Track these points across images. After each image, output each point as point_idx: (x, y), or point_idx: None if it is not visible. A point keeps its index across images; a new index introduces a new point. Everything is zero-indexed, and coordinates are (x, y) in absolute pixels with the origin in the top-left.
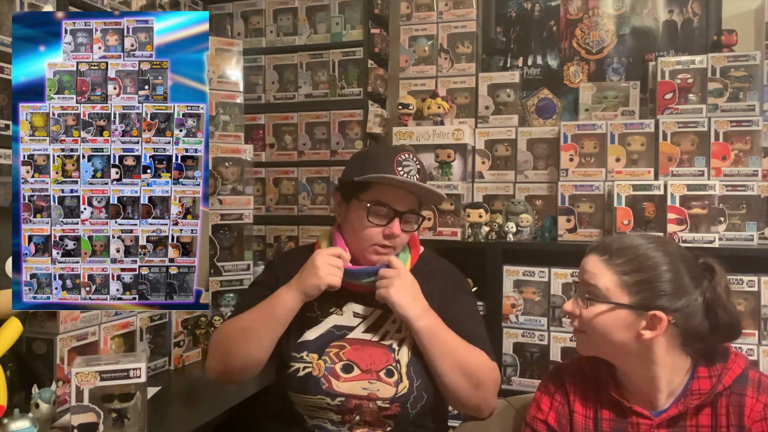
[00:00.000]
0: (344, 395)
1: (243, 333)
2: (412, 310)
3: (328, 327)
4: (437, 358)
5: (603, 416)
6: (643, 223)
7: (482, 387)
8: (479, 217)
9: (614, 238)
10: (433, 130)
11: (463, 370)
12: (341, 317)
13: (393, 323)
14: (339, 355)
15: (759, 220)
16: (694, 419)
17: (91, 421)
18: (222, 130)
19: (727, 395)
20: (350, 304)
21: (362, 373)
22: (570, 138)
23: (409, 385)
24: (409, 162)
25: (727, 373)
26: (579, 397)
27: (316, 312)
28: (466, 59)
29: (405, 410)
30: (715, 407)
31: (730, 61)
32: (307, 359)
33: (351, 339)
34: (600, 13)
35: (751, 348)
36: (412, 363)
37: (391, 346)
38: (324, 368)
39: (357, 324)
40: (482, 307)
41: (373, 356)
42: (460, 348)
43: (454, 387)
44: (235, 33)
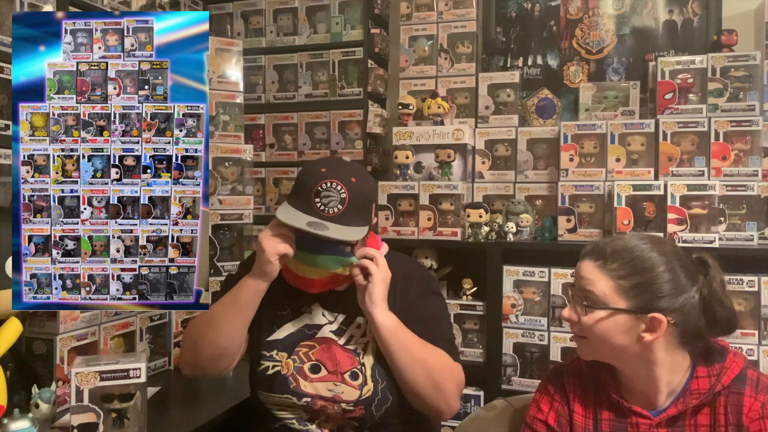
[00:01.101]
0: (310, 395)
1: (210, 322)
2: (380, 306)
3: (299, 326)
4: (395, 354)
5: (602, 416)
6: (643, 223)
7: (442, 387)
8: (479, 217)
9: (607, 241)
10: (433, 130)
11: (422, 369)
12: (311, 316)
13: (357, 328)
14: (308, 354)
15: (759, 220)
16: (693, 419)
17: (91, 421)
18: (222, 130)
19: (726, 394)
20: (317, 307)
21: (329, 374)
22: (570, 138)
23: (374, 387)
24: (331, 192)
25: (725, 372)
26: (578, 398)
27: (287, 309)
28: (466, 59)
29: (369, 412)
30: (713, 407)
31: (730, 61)
32: (277, 358)
33: (320, 338)
34: (600, 13)
35: (751, 348)
36: (377, 366)
37: (356, 351)
38: (293, 367)
39: (325, 323)
40: (482, 307)
41: (339, 358)
42: (418, 346)
43: (412, 385)
44: (235, 33)
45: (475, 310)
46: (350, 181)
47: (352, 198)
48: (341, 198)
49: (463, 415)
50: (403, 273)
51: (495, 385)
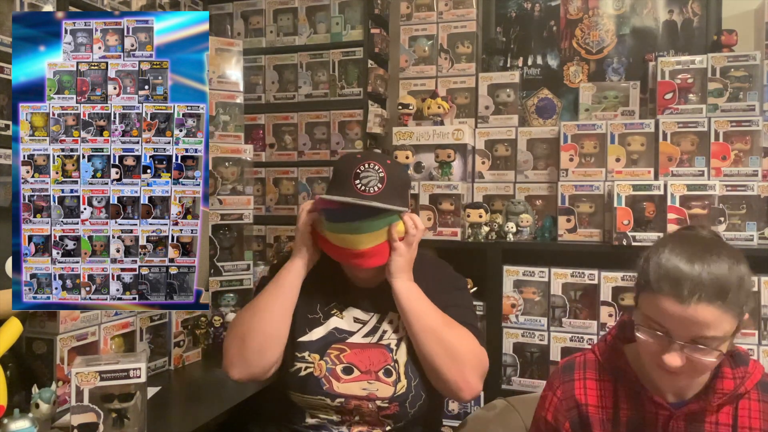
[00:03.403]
0: (344, 396)
1: (254, 312)
2: (403, 274)
3: (330, 329)
4: (412, 320)
5: (621, 405)
6: (643, 223)
7: (460, 361)
8: (479, 217)
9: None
10: (433, 130)
11: (438, 338)
12: (342, 321)
13: (390, 323)
14: (340, 357)
15: (759, 220)
16: (715, 416)
17: (91, 421)
18: (222, 130)
19: (749, 398)
20: (351, 309)
21: (362, 374)
22: (570, 138)
23: (407, 384)
24: (369, 172)
25: (749, 377)
26: (593, 389)
27: (319, 314)
28: (466, 59)
29: (404, 409)
30: (736, 408)
31: (730, 61)
32: (309, 359)
33: (351, 343)
34: (600, 13)
35: (751, 348)
36: (410, 362)
37: (389, 346)
38: (325, 369)
39: (357, 330)
40: (482, 307)
41: (372, 357)
42: (437, 317)
43: (430, 357)
44: (235, 33)
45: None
46: (386, 162)
47: (390, 177)
48: (380, 177)
49: (463, 415)
50: (429, 273)
51: (495, 385)
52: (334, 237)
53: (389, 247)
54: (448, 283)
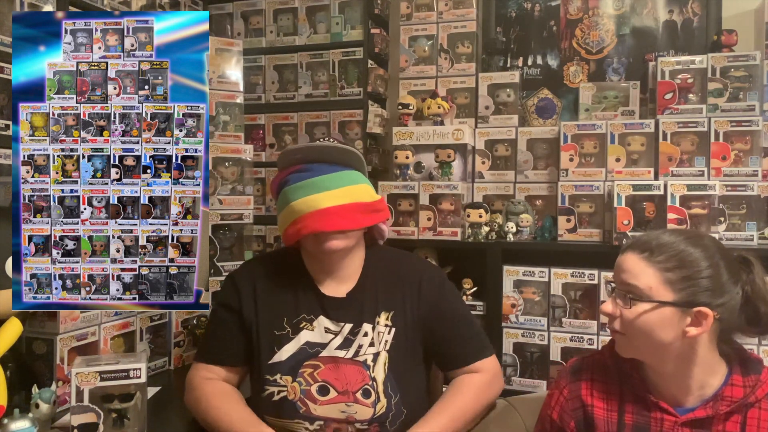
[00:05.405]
0: (322, 419)
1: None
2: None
3: (300, 344)
4: None
5: (626, 409)
6: (643, 223)
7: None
8: (479, 217)
9: (651, 235)
10: (433, 130)
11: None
12: (313, 333)
13: (365, 336)
14: (314, 375)
15: (759, 220)
16: (722, 425)
17: (91, 422)
18: (222, 130)
19: (759, 408)
20: (321, 319)
21: (339, 395)
22: (570, 138)
23: (387, 403)
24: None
25: (761, 385)
26: (599, 391)
27: (287, 328)
28: (466, 59)
29: (384, 429)
30: (744, 416)
31: (730, 61)
32: (281, 382)
33: (324, 357)
34: (600, 13)
35: (751, 348)
36: (389, 380)
37: (366, 363)
38: (299, 391)
39: (329, 340)
40: (482, 307)
41: (348, 376)
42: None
43: None
44: (235, 33)
45: (475, 310)
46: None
47: (346, 145)
48: (336, 141)
49: None
50: (408, 274)
51: None
52: (297, 205)
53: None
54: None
